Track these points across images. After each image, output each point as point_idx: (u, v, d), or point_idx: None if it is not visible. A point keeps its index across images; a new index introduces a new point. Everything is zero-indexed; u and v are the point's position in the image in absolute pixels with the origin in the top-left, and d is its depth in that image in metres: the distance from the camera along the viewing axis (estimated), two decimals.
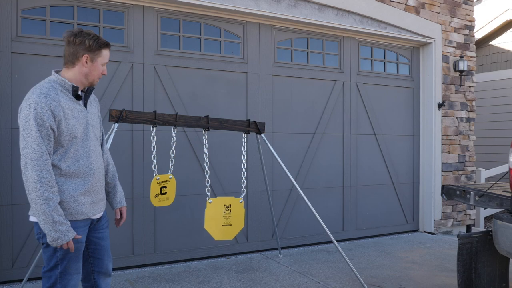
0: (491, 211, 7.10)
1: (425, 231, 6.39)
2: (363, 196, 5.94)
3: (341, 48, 5.78)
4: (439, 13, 6.36)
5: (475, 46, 6.84)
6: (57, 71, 2.27)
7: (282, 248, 5.22)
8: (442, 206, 6.36)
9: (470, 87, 6.67)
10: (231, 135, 4.94)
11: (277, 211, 5.23)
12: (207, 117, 3.81)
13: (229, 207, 3.50)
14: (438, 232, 6.34)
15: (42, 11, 4.10)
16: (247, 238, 5.07)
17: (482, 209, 6.97)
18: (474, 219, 6.79)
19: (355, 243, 5.69)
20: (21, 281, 3.90)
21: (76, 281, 2.27)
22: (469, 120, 6.64)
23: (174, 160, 3.73)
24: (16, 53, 3.97)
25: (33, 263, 3.59)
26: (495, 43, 9.21)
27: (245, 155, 4.08)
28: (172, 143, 3.66)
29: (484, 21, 9.13)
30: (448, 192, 3.75)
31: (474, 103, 6.71)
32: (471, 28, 6.70)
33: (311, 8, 5.32)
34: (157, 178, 3.54)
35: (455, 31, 6.53)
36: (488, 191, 3.34)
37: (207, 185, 3.62)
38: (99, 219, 2.43)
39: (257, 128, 4.12)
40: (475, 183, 6.76)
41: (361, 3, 5.63)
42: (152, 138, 3.54)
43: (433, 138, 6.29)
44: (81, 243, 2.26)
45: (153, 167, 3.58)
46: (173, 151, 3.67)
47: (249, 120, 4.08)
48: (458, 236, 3.35)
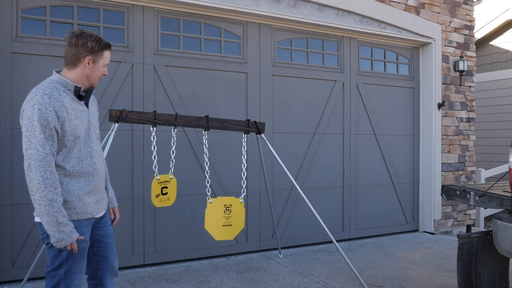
0: (491, 211, 7.10)
1: (425, 231, 6.39)
2: (363, 196, 5.94)
3: (341, 48, 5.78)
4: (439, 13, 6.36)
5: (475, 46, 6.84)
6: (58, 71, 2.26)
7: (282, 248, 5.22)
8: (442, 206, 6.36)
9: (470, 87, 6.67)
10: (231, 135, 4.94)
11: (277, 211, 5.23)
12: (207, 117, 3.81)
13: (229, 207, 3.50)
14: (438, 232, 6.34)
15: (42, 11, 4.10)
16: (247, 238, 5.07)
17: (482, 209, 6.97)
18: (474, 219, 6.79)
19: (355, 243, 5.69)
20: (21, 281, 3.90)
21: (79, 280, 2.27)
22: (469, 120, 6.64)
23: (174, 160, 3.73)
24: (16, 53, 3.97)
25: (33, 263, 3.59)
26: (495, 43, 9.22)
27: (245, 155, 4.08)
28: (172, 143, 3.66)
29: (484, 21, 9.13)
30: (448, 192, 3.75)
31: (474, 103, 6.71)
32: (471, 28, 6.70)
33: (311, 8, 5.32)
34: (158, 178, 3.54)
35: (455, 31, 6.53)
36: (488, 191, 3.34)
37: (207, 185, 3.62)
38: (101, 217, 2.44)
39: (257, 128, 4.12)
40: (475, 183, 6.76)
41: (361, 3, 5.63)
42: (152, 138, 3.54)
43: (433, 138, 6.29)
44: (86, 242, 2.27)
45: (154, 167, 3.58)
46: (173, 151, 3.67)
47: (249, 120, 4.08)
48: (458, 236, 3.35)
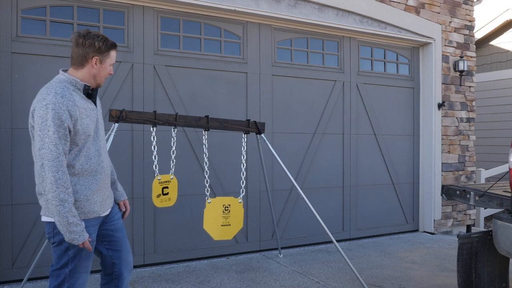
0: (491, 211, 7.10)
1: (425, 231, 6.39)
2: (363, 196, 5.94)
3: (341, 48, 5.78)
4: (439, 13, 6.36)
5: (475, 46, 6.84)
6: (65, 71, 2.26)
7: (282, 248, 5.22)
8: (442, 206, 6.36)
9: (470, 87, 6.67)
10: (231, 135, 4.94)
11: (277, 211, 5.23)
12: (207, 117, 3.81)
13: (228, 207, 3.50)
14: (438, 232, 6.34)
15: (42, 11, 4.10)
16: (247, 238, 5.07)
17: (482, 209, 6.97)
18: (474, 219, 6.79)
19: (355, 243, 5.69)
20: (21, 281, 3.90)
21: (84, 279, 2.27)
22: (469, 120, 6.64)
23: (174, 160, 3.73)
24: (16, 53, 3.97)
25: (33, 263, 3.59)
26: (495, 43, 9.22)
27: (244, 155, 4.09)
28: (172, 143, 3.66)
29: (484, 21, 9.13)
30: (448, 192, 3.75)
31: (474, 103, 6.71)
32: (471, 28, 6.70)
33: (311, 8, 5.32)
34: (159, 178, 3.54)
35: (455, 31, 6.53)
36: (488, 191, 3.34)
37: (206, 185, 3.62)
38: (107, 214, 2.45)
39: (257, 128, 4.12)
40: (475, 183, 6.76)
41: (361, 3, 5.63)
42: (152, 138, 3.54)
43: (433, 138, 6.29)
44: (92, 241, 2.27)
45: (154, 167, 3.58)
46: (173, 151, 3.67)
47: (249, 120, 4.08)
48: (458, 236, 3.35)
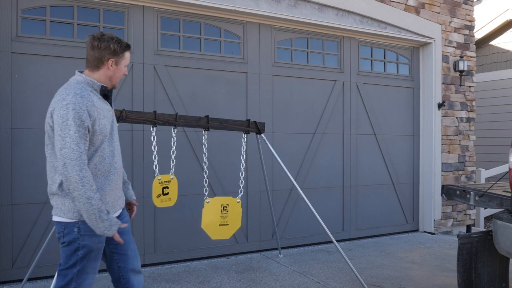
0: (491, 211, 7.09)
1: (425, 231, 6.39)
2: (363, 196, 5.94)
3: (341, 48, 5.78)
4: (439, 13, 6.36)
5: (475, 46, 6.84)
6: (80, 72, 2.30)
7: (282, 248, 5.22)
8: (442, 206, 6.36)
9: (470, 87, 6.67)
10: (231, 135, 4.94)
11: (277, 211, 5.23)
12: (207, 117, 3.81)
13: (226, 207, 3.51)
14: (438, 232, 6.34)
15: (42, 11, 4.10)
16: (247, 238, 5.07)
17: (482, 209, 6.97)
18: (474, 219, 6.79)
19: (355, 243, 5.69)
20: (21, 281, 3.90)
21: (91, 280, 2.28)
22: (469, 120, 6.65)
23: (174, 160, 3.73)
24: (16, 53, 3.97)
25: (33, 263, 3.59)
26: (495, 43, 9.21)
27: (244, 155, 4.09)
28: (172, 143, 3.66)
29: (484, 21, 9.13)
30: (448, 192, 3.75)
31: (474, 103, 6.71)
32: (471, 28, 6.70)
33: (311, 8, 5.32)
34: (159, 178, 3.54)
35: (455, 31, 6.53)
36: (488, 191, 3.34)
37: (205, 184, 3.62)
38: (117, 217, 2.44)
39: (257, 128, 4.12)
40: (475, 183, 6.76)
41: (361, 3, 5.63)
42: (152, 138, 3.54)
43: (433, 138, 6.29)
44: (101, 243, 2.28)
45: (154, 167, 3.58)
46: (173, 151, 3.67)
47: (249, 120, 4.08)
48: (458, 236, 3.35)
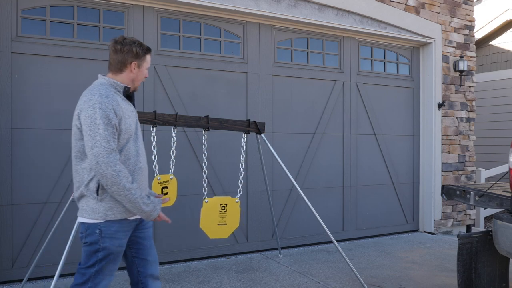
0: (491, 211, 7.09)
1: (425, 231, 6.39)
2: (363, 196, 5.94)
3: (341, 48, 5.78)
4: (439, 13, 6.36)
5: (475, 46, 6.84)
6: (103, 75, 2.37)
7: (282, 248, 5.22)
8: (442, 206, 6.36)
9: (470, 87, 6.67)
10: (231, 135, 4.94)
11: (277, 211, 5.23)
12: (207, 117, 3.81)
13: (225, 206, 3.52)
14: (438, 232, 6.34)
15: (42, 11, 4.10)
16: (247, 238, 5.07)
17: (482, 209, 6.97)
18: (474, 219, 6.79)
19: (355, 243, 5.69)
20: (21, 281, 3.90)
21: (107, 282, 2.31)
22: (469, 120, 6.64)
23: (174, 160, 3.73)
24: (16, 53, 3.97)
25: (33, 263, 3.60)
26: (495, 43, 9.21)
27: (243, 155, 4.09)
28: (172, 143, 3.66)
29: (484, 21, 9.13)
30: (448, 192, 3.75)
31: (474, 103, 6.71)
32: (471, 28, 6.70)
33: (311, 8, 5.32)
34: (158, 178, 3.55)
35: (455, 31, 6.53)
36: (488, 191, 3.34)
37: (204, 184, 3.63)
38: (140, 221, 2.47)
39: (257, 128, 4.12)
40: (475, 183, 6.76)
41: (361, 3, 5.63)
42: (152, 138, 3.54)
43: (433, 138, 6.29)
44: (121, 247, 2.31)
45: (154, 167, 3.58)
46: (173, 151, 3.67)
47: (249, 120, 4.08)
48: (458, 236, 3.35)
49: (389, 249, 5.38)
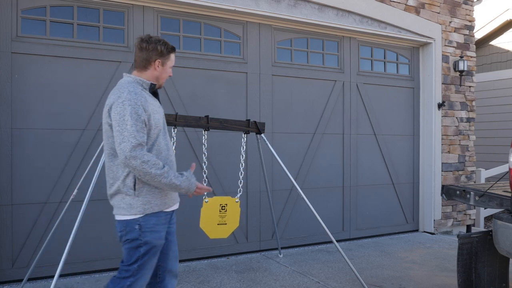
0: (491, 211, 7.09)
1: (425, 231, 6.39)
2: (363, 196, 5.94)
3: (341, 48, 5.78)
4: (439, 13, 6.36)
5: (475, 46, 6.84)
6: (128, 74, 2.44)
7: (282, 248, 5.22)
8: (442, 206, 6.36)
9: (470, 87, 6.67)
10: (231, 135, 4.94)
11: (277, 211, 5.23)
12: (207, 117, 3.81)
13: (225, 206, 3.52)
14: (438, 232, 6.34)
15: (42, 11, 4.10)
16: (247, 238, 5.07)
17: (482, 209, 6.97)
18: (474, 219, 6.79)
19: (355, 243, 5.69)
20: (21, 281, 3.90)
21: (148, 276, 2.37)
22: (469, 120, 6.64)
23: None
24: (16, 53, 3.97)
25: (33, 263, 3.60)
26: (495, 43, 9.21)
27: (243, 155, 4.09)
28: (172, 143, 3.66)
29: (484, 21, 9.13)
30: (448, 192, 3.75)
31: (474, 103, 6.71)
32: (471, 28, 6.70)
33: (311, 8, 5.32)
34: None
35: (455, 31, 6.53)
36: (488, 191, 3.34)
37: (205, 184, 3.62)
38: (172, 212, 2.52)
39: (257, 128, 4.12)
40: (475, 183, 6.76)
41: (361, 3, 5.63)
42: None
43: (433, 138, 6.29)
44: (162, 240, 2.37)
45: None
46: (173, 151, 3.67)
47: (249, 120, 4.08)
48: (458, 236, 3.35)
49: (389, 249, 5.38)
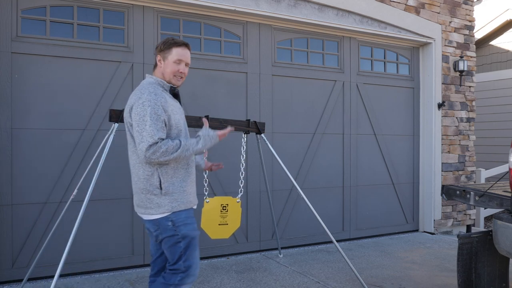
0: (491, 211, 7.09)
1: (425, 231, 6.39)
2: (363, 196, 5.94)
3: (341, 48, 5.78)
4: (439, 13, 6.36)
5: (475, 46, 6.84)
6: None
7: (282, 248, 5.22)
8: (442, 206, 6.36)
9: (470, 87, 6.67)
10: (231, 135, 4.94)
11: (277, 211, 5.23)
12: (207, 117, 3.81)
13: (226, 206, 3.52)
14: (438, 232, 6.34)
15: (42, 11, 4.10)
16: (247, 238, 5.07)
17: (482, 209, 6.97)
18: (474, 219, 6.79)
19: (355, 243, 5.69)
20: (21, 281, 3.90)
21: (197, 267, 2.42)
22: (469, 120, 6.64)
23: None
24: (16, 53, 3.97)
25: (33, 263, 3.60)
26: (495, 43, 9.21)
27: (244, 155, 4.09)
28: None
29: (484, 21, 9.13)
30: (448, 192, 3.75)
31: (474, 103, 6.71)
32: (471, 28, 6.70)
33: (311, 8, 5.32)
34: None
35: (455, 31, 6.53)
36: (488, 191, 3.34)
37: (205, 184, 3.63)
38: None
39: (257, 128, 4.12)
40: (475, 183, 6.76)
41: (361, 3, 5.63)
42: None
43: (433, 138, 6.29)
44: (196, 230, 2.43)
45: None
46: None
47: (249, 120, 4.08)
48: (458, 236, 3.35)
49: (389, 249, 5.38)
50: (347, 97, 5.79)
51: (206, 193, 3.60)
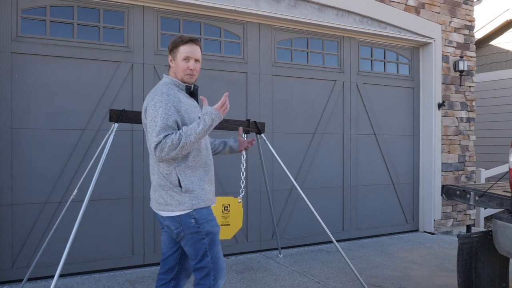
0: (491, 211, 7.09)
1: (425, 231, 6.39)
2: (363, 196, 5.94)
3: (341, 48, 5.78)
4: (439, 13, 6.36)
5: (475, 46, 6.84)
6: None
7: (282, 248, 5.22)
8: (442, 206, 6.36)
9: (470, 87, 6.67)
10: (231, 135, 4.94)
11: (277, 211, 5.23)
12: None
13: (227, 207, 3.51)
14: (438, 232, 6.34)
15: (42, 11, 4.10)
16: (247, 238, 5.07)
17: (482, 209, 6.97)
18: (474, 219, 6.79)
19: (355, 243, 5.69)
20: (21, 281, 3.90)
21: (223, 263, 2.42)
22: (469, 120, 6.64)
23: None
24: (16, 53, 3.97)
25: (33, 263, 3.60)
26: (495, 43, 9.21)
27: (244, 155, 4.08)
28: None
29: (484, 21, 9.13)
30: (448, 192, 3.75)
31: (474, 103, 6.71)
32: (471, 28, 6.70)
33: (311, 8, 5.32)
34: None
35: (455, 31, 6.53)
36: (488, 191, 3.34)
37: None
38: None
39: (257, 128, 4.12)
40: (475, 183, 6.76)
41: (361, 3, 5.63)
42: None
43: (433, 138, 6.29)
44: (218, 226, 2.43)
45: None
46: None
47: (249, 120, 4.08)
48: (458, 236, 3.35)
49: (389, 249, 5.38)
50: (347, 97, 5.79)
51: None
